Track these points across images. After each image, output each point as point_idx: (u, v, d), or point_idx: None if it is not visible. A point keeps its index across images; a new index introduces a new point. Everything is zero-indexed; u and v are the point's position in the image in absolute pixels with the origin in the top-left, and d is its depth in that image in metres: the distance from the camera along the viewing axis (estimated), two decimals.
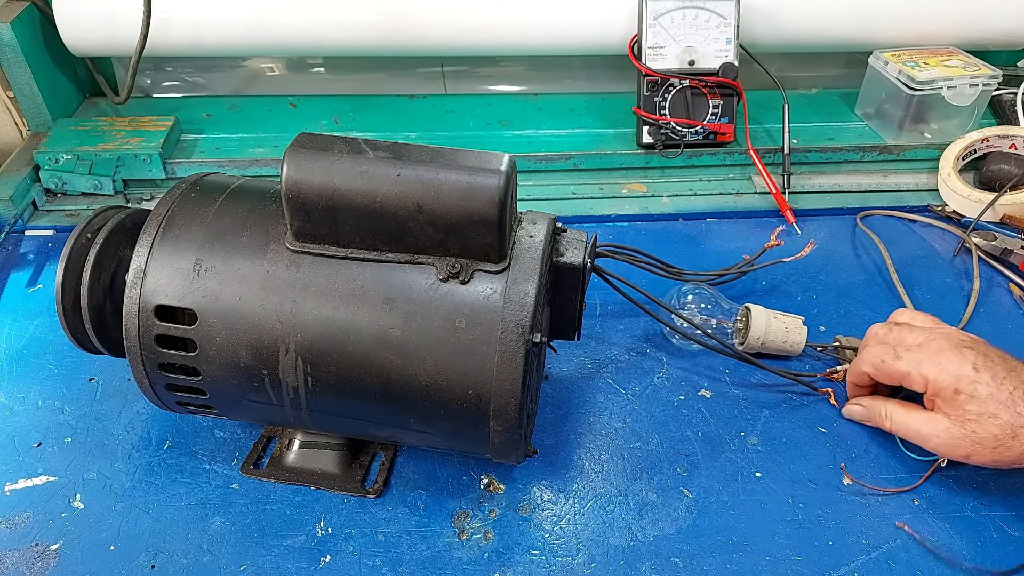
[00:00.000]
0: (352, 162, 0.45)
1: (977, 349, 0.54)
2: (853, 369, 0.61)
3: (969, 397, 0.52)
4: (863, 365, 0.59)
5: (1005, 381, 0.52)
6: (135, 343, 0.49)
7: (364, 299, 0.47)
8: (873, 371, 0.58)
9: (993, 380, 0.52)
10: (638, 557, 0.53)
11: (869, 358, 0.58)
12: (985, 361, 0.53)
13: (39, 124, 0.90)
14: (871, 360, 0.58)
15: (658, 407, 0.63)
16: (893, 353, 0.57)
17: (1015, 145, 0.87)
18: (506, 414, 0.47)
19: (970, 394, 0.52)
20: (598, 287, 0.62)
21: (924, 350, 0.55)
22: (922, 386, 0.55)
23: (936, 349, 0.55)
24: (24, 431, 0.59)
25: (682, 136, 0.89)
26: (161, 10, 0.85)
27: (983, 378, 0.52)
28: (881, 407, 0.58)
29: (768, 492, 0.57)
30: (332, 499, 0.55)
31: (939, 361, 0.54)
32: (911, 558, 0.53)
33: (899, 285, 0.75)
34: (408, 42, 0.91)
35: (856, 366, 0.60)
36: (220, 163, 0.87)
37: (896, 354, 0.56)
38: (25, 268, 0.76)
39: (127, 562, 0.51)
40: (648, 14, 0.86)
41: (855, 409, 0.61)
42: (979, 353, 0.54)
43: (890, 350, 0.57)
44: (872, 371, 0.58)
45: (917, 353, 0.56)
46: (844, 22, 0.93)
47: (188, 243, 0.49)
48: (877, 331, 0.60)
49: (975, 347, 0.55)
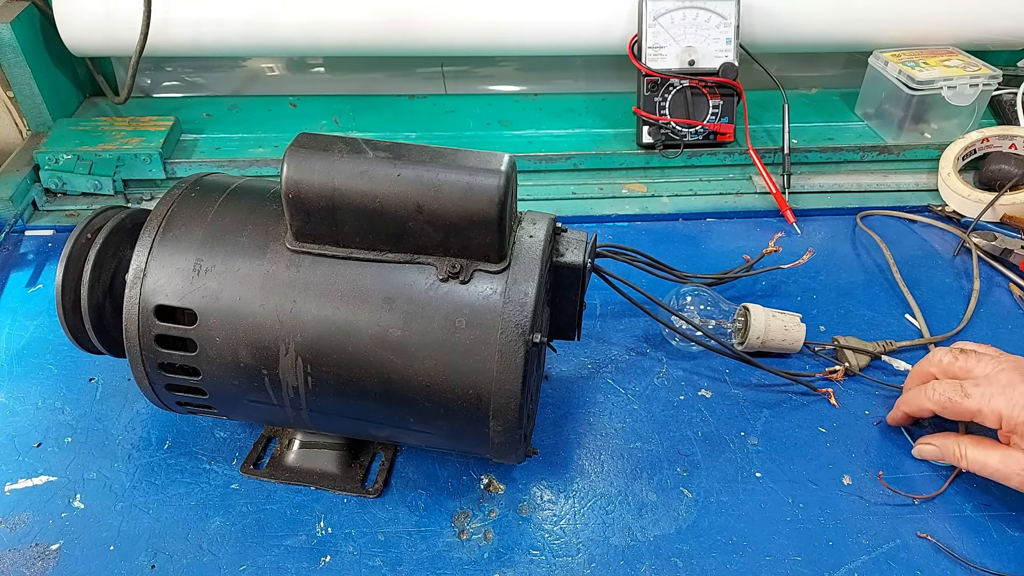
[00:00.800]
0: (352, 162, 0.45)
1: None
2: (913, 402, 0.57)
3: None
4: (928, 403, 0.55)
5: None
6: (135, 343, 0.49)
7: (364, 299, 0.47)
8: (940, 410, 0.55)
9: None
10: (638, 557, 0.53)
11: (935, 396, 0.55)
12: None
13: (39, 124, 0.90)
14: (937, 399, 0.55)
15: (658, 407, 0.63)
16: (961, 391, 0.54)
17: (1015, 145, 0.87)
18: (506, 414, 0.47)
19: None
20: (598, 287, 0.62)
21: (993, 384, 0.53)
22: (995, 423, 0.52)
23: (1007, 382, 0.52)
24: (24, 431, 0.59)
25: (682, 136, 0.89)
26: (161, 10, 0.85)
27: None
28: (954, 446, 0.55)
29: (768, 492, 0.57)
30: (332, 499, 0.55)
31: (1011, 396, 0.51)
32: (911, 558, 0.53)
33: (901, 285, 0.75)
34: (408, 42, 0.91)
35: (919, 402, 0.56)
36: (220, 163, 0.87)
37: (964, 391, 0.53)
38: (25, 268, 0.76)
39: (127, 562, 0.51)
40: (648, 14, 0.86)
41: (927, 449, 0.57)
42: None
43: (957, 387, 0.54)
44: (939, 410, 0.55)
45: (986, 387, 0.53)
46: (844, 22, 0.93)
47: (188, 243, 0.49)
48: (942, 358, 0.57)
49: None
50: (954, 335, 0.70)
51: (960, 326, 0.70)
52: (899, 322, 0.72)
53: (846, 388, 0.65)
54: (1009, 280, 0.76)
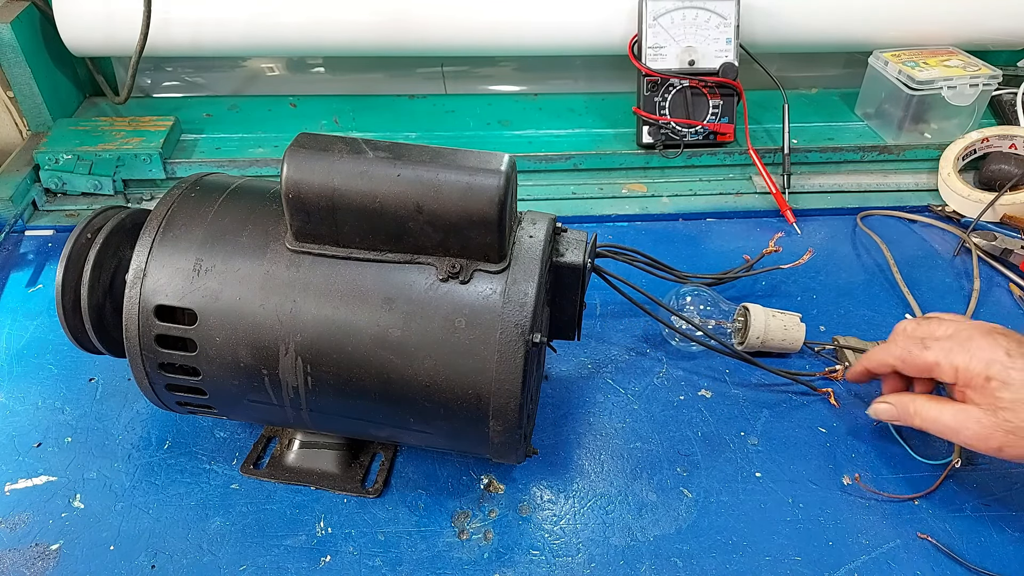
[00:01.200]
0: (352, 162, 0.45)
1: (1009, 335, 0.52)
2: (874, 357, 0.58)
3: (1002, 384, 0.50)
4: (888, 357, 0.56)
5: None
6: (135, 343, 0.49)
7: (364, 299, 0.47)
8: (900, 363, 0.56)
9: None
10: (638, 557, 0.53)
11: (896, 350, 0.56)
12: (1019, 348, 0.51)
13: (39, 124, 0.90)
14: (898, 352, 0.56)
15: (658, 407, 0.63)
16: (921, 344, 0.54)
17: (1015, 145, 0.87)
18: (506, 414, 0.47)
19: (1003, 380, 0.50)
20: (598, 287, 0.62)
21: (953, 339, 0.53)
22: (952, 376, 0.53)
23: (966, 337, 0.53)
24: (24, 431, 0.59)
25: (682, 136, 0.89)
26: (161, 10, 0.85)
27: (1017, 364, 0.50)
28: (909, 403, 0.55)
29: (768, 492, 0.57)
30: (332, 499, 0.55)
31: (969, 348, 0.52)
32: (911, 558, 0.53)
33: (902, 285, 0.75)
34: (408, 42, 0.91)
35: (879, 356, 0.57)
36: (220, 163, 0.87)
37: (924, 344, 0.54)
38: (25, 268, 0.76)
39: (127, 562, 0.51)
40: (648, 14, 0.86)
41: (882, 408, 0.57)
42: (1012, 339, 0.52)
43: (918, 342, 0.55)
44: (899, 363, 0.56)
45: (946, 342, 0.53)
46: (844, 22, 0.93)
47: (188, 243, 0.49)
48: (905, 326, 0.58)
49: (1008, 335, 0.52)
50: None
51: None
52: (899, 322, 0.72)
53: (846, 388, 0.65)
54: (1009, 280, 0.76)
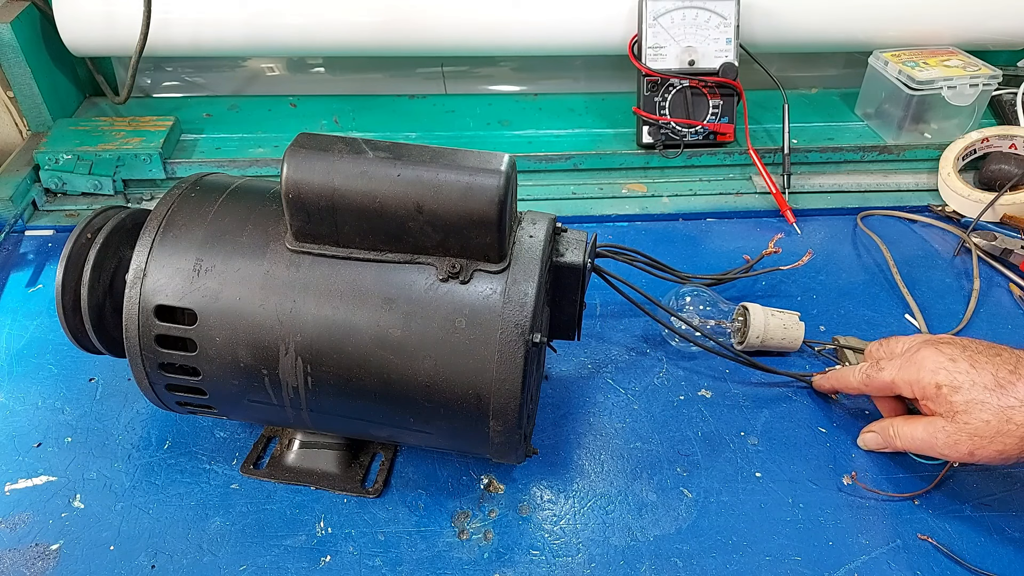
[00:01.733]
0: (352, 162, 0.45)
1: (955, 343, 0.53)
2: (841, 379, 0.60)
3: (952, 389, 0.51)
4: (852, 381, 0.59)
5: (987, 365, 0.51)
6: (135, 343, 0.49)
7: (364, 299, 0.47)
8: (863, 386, 0.58)
9: (972, 367, 0.51)
10: (638, 557, 0.53)
11: (857, 374, 0.58)
12: (963, 352, 0.52)
13: (39, 124, 0.90)
14: (859, 376, 0.58)
15: (658, 407, 0.63)
16: (876, 366, 0.56)
17: (1015, 145, 0.87)
18: (506, 414, 0.47)
19: (952, 385, 0.51)
20: (598, 287, 0.62)
21: (903, 355, 0.55)
22: (909, 392, 0.54)
23: (914, 351, 0.55)
24: (24, 431, 0.59)
25: (682, 136, 0.89)
26: (161, 10, 0.85)
27: (961, 367, 0.51)
28: (888, 427, 0.57)
29: (768, 492, 0.57)
30: (332, 499, 0.55)
31: (916, 360, 0.54)
32: (911, 558, 0.53)
33: (901, 285, 0.75)
34: (408, 42, 0.91)
35: (845, 379, 0.60)
36: (220, 163, 0.87)
37: (879, 366, 0.56)
38: (25, 268, 0.76)
39: (127, 562, 0.51)
40: (648, 14, 0.86)
41: (868, 437, 0.59)
42: (957, 346, 0.53)
43: (874, 364, 0.57)
44: (862, 387, 0.58)
45: (897, 360, 0.55)
46: (844, 22, 0.93)
47: (188, 243, 0.49)
48: (870, 347, 0.61)
49: (953, 342, 0.54)
50: (954, 334, 0.69)
51: (960, 326, 0.71)
52: (899, 322, 0.72)
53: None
54: (1009, 280, 0.76)
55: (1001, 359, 0.51)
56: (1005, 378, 0.50)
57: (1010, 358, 0.51)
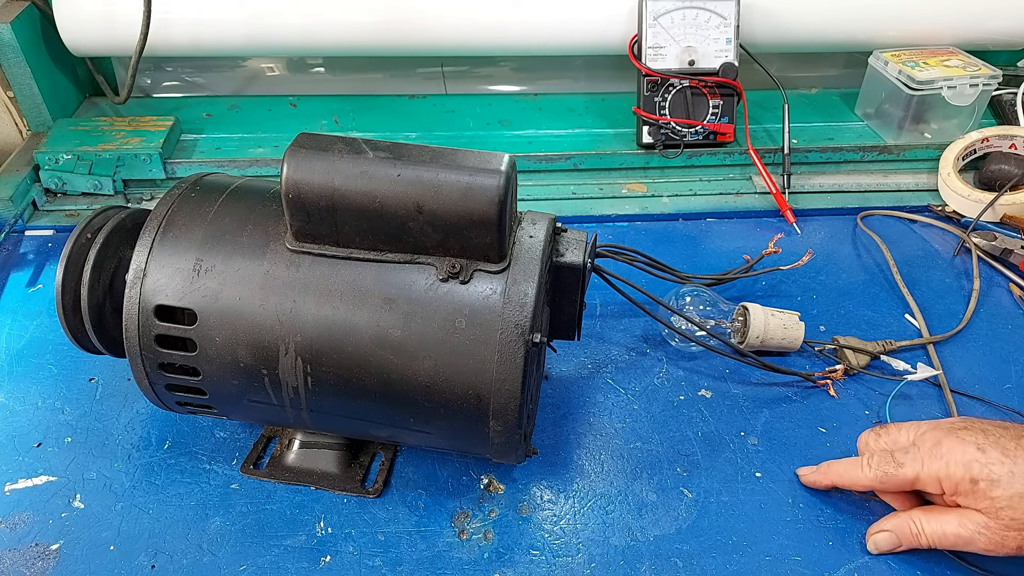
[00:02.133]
0: (352, 162, 0.45)
1: (972, 428, 0.50)
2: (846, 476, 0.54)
3: (990, 483, 0.47)
4: (864, 479, 0.53)
5: (1018, 453, 0.47)
6: (135, 343, 0.49)
7: (364, 299, 0.47)
8: (879, 485, 0.52)
9: (1004, 456, 0.47)
10: (638, 557, 0.53)
11: (871, 472, 0.52)
12: (986, 438, 0.48)
13: (39, 124, 0.90)
14: (873, 474, 0.52)
15: (658, 407, 0.63)
16: (894, 461, 0.51)
17: (1015, 145, 0.87)
18: (506, 414, 0.47)
19: (989, 479, 0.47)
20: (598, 287, 0.62)
21: (921, 448, 0.50)
22: (936, 487, 0.49)
23: (933, 442, 0.50)
24: (24, 431, 0.59)
25: (682, 136, 0.89)
26: (161, 10, 0.85)
27: (993, 457, 0.47)
28: (907, 524, 0.51)
29: (768, 492, 0.57)
30: (332, 499, 0.55)
31: (940, 454, 0.49)
32: (911, 558, 0.53)
33: (901, 285, 0.75)
34: (408, 42, 0.91)
35: (851, 477, 0.54)
36: (220, 163, 0.87)
37: (897, 461, 0.51)
38: (25, 268, 0.76)
39: (127, 562, 0.51)
40: (648, 14, 0.86)
41: (882, 538, 0.52)
42: (976, 431, 0.49)
43: (889, 459, 0.51)
44: (877, 485, 0.52)
45: (915, 453, 0.50)
46: (844, 22, 0.93)
47: (188, 243, 0.49)
48: (867, 440, 0.55)
49: (969, 426, 0.50)
50: (954, 334, 0.70)
51: (960, 326, 0.70)
52: (899, 322, 0.72)
53: (846, 388, 0.65)
54: (1009, 280, 0.76)
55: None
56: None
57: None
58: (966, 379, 0.66)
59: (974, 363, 0.67)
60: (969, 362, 0.68)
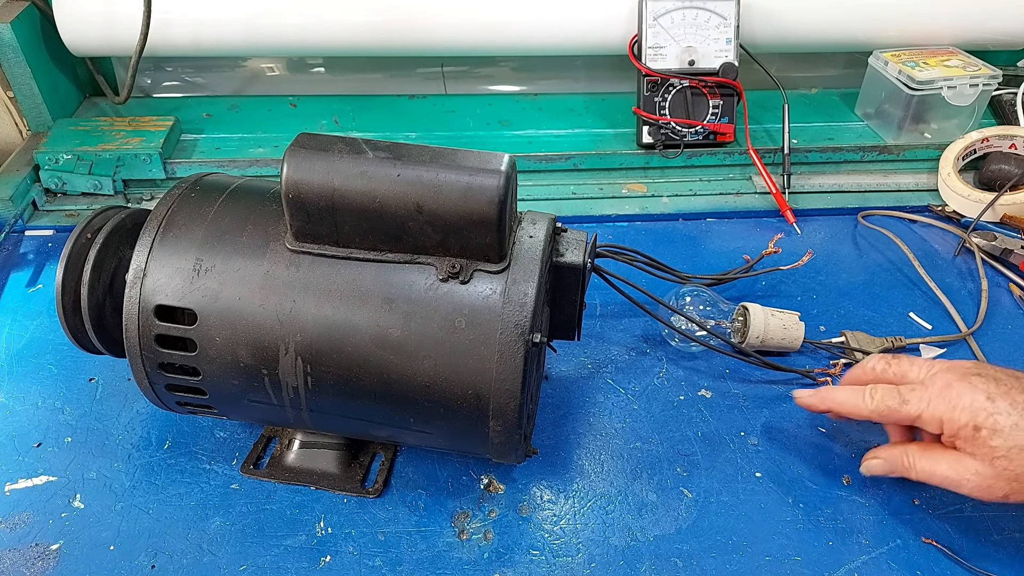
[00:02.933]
0: (352, 162, 0.45)
1: (986, 375, 0.49)
2: (846, 404, 0.54)
3: (992, 432, 0.47)
4: (864, 410, 0.53)
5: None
6: (135, 343, 0.49)
7: (364, 299, 0.47)
8: (879, 417, 0.53)
9: (1012, 408, 0.47)
10: (638, 557, 0.53)
11: (873, 404, 0.52)
12: (998, 387, 0.48)
13: (39, 124, 0.90)
14: (875, 406, 0.52)
15: (658, 407, 0.63)
16: (899, 397, 0.51)
17: (1015, 145, 0.87)
18: (506, 414, 0.47)
19: (992, 428, 0.47)
20: (598, 287, 0.62)
21: (930, 387, 0.50)
22: (937, 427, 0.50)
23: (944, 384, 0.50)
24: (24, 431, 0.59)
25: (682, 136, 0.89)
26: (161, 10, 0.85)
27: (1001, 407, 0.48)
28: (901, 456, 0.52)
29: (768, 492, 0.57)
30: (332, 499, 0.55)
31: (949, 398, 0.49)
32: (911, 558, 0.53)
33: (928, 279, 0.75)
34: (408, 42, 0.91)
35: (854, 406, 0.54)
36: (220, 163, 0.87)
37: (902, 397, 0.51)
38: (25, 268, 0.76)
39: (127, 562, 0.51)
40: (648, 14, 0.86)
41: (875, 464, 0.54)
42: (989, 379, 0.49)
43: (895, 393, 0.52)
44: (877, 417, 0.53)
45: (923, 392, 0.50)
46: (844, 22, 0.93)
47: (188, 243, 0.49)
48: (875, 365, 0.55)
49: (983, 373, 0.50)
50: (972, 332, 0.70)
51: (973, 328, 0.70)
52: (899, 322, 0.72)
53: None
54: (1009, 280, 0.76)
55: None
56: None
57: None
58: None
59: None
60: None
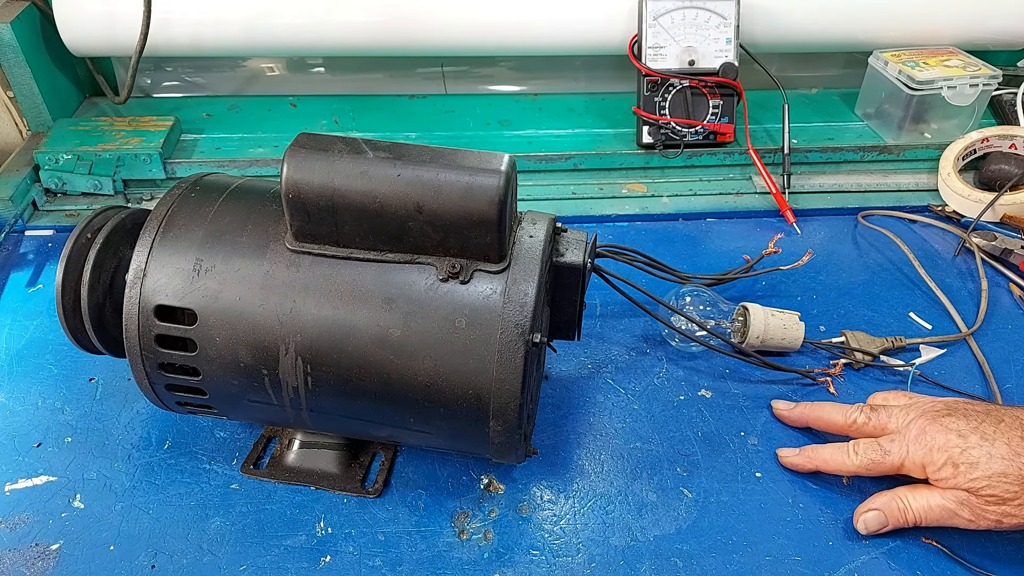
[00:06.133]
0: (352, 162, 0.45)
1: (956, 413, 0.52)
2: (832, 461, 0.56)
3: (970, 466, 0.50)
4: (851, 466, 0.55)
5: (997, 435, 0.50)
6: (135, 343, 0.49)
7: (364, 299, 0.47)
8: (866, 472, 0.54)
9: (984, 440, 0.50)
10: (638, 557, 0.53)
11: (857, 460, 0.54)
12: (967, 423, 0.51)
13: (39, 124, 0.90)
14: (860, 462, 0.54)
15: (658, 407, 0.63)
16: (880, 449, 0.54)
17: (1015, 145, 0.87)
18: (506, 414, 0.47)
19: (968, 462, 0.50)
20: (598, 287, 0.62)
21: (907, 435, 0.53)
22: (920, 472, 0.52)
23: (918, 430, 0.52)
24: (24, 431, 0.59)
25: (682, 136, 0.89)
26: (161, 10, 0.85)
27: (972, 442, 0.50)
28: (894, 501, 0.53)
29: (768, 492, 0.57)
30: (332, 499, 0.55)
31: (924, 442, 0.52)
32: (911, 558, 0.53)
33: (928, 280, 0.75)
34: (408, 42, 0.91)
35: (839, 463, 0.55)
36: (220, 163, 0.87)
37: (883, 450, 0.53)
38: (25, 268, 0.76)
39: (127, 562, 0.51)
40: (648, 14, 0.86)
41: (871, 517, 0.54)
42: (959, 416, 0.52)
43: (875, 446, 0.54)
44: (864, 472, 0.55)
45: (901, 441, 0.53)
46: (844, 22, 0.93)
47: (188, 243, 0.49)
48: (856, 418, 0.57)
49: (953, 412, 0.52)
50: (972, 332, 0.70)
51: (974, 328, 0.70)
52: (899, 322, 0.72)
53: (847, 386, 0.65)
54: (1009, 280, 0.76)
55: (1005, 424, 0.51)
56: (1018, 444, 0.49)
57: (1013, 422, 0.51)
58: (966, 379, 0.66)
59: (974, 362, 0.67)
60: (969, 362, 0.68)
